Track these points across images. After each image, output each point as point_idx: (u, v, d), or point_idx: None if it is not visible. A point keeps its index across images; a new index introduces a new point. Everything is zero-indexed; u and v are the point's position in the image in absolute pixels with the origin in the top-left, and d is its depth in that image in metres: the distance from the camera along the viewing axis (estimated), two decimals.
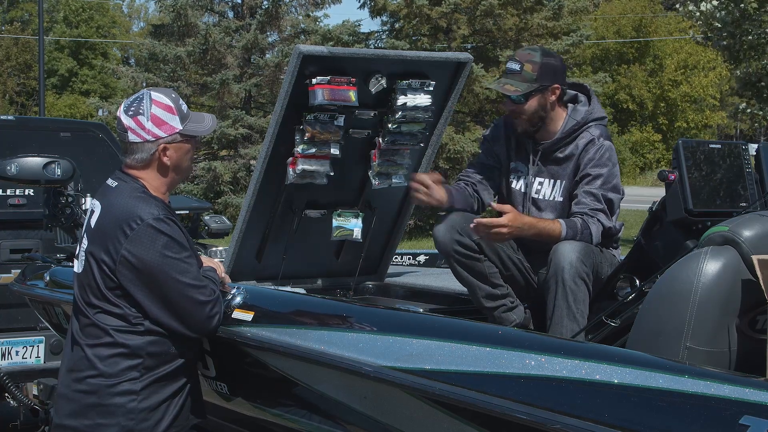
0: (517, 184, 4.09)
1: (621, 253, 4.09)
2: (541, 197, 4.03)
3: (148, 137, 3.29)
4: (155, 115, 3.29)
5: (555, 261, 3.66)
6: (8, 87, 43.25)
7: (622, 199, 3.97)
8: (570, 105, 4.05)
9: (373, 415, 3.07)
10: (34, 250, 6.24)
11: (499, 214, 3.75)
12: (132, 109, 3.30)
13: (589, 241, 3.79)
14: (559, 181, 3.99)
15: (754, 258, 2.71)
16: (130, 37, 51.71)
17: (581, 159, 3.93)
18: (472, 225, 3.76)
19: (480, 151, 4.29)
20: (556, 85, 3.96)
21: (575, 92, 4.09)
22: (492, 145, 4.20)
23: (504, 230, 3.73)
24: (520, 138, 4.08)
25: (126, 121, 3.30)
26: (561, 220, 3.84)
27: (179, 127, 3.32)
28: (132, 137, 3.29)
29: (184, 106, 3.38)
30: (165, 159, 3.31)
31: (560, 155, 3.99)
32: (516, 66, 3.94)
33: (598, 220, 3.84)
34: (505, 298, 3.97)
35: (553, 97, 3.96)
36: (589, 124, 3.97)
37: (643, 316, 2.86)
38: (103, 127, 7.11)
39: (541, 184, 4.03)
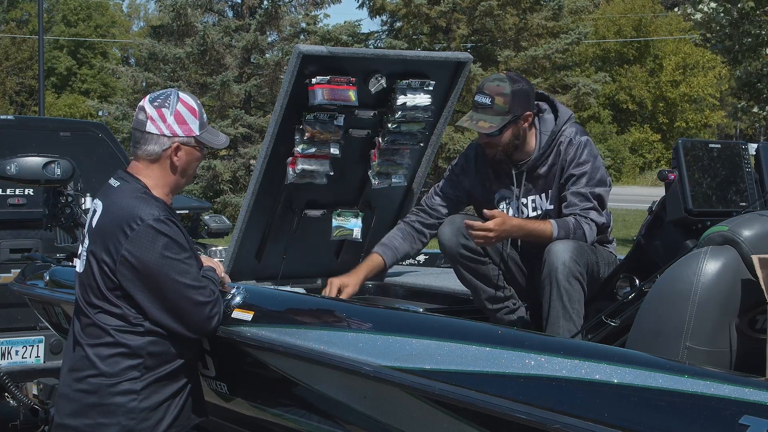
0: (509, 212, 4.02)
1: (620, 253, 4.09)
2: (539, 213, 3.98)
3: (166, 132, 3.30)
4: (179, 113, 3.31)
5: (548, 261, 3.66)
6: (7, 86, 43.26)
7: (610, 190, 3.95)
8: (535, 118, 3.99)
9: (373, 415, 3.07)
10: (34, 249, 6.24)
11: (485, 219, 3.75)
12: (158, 100, 3.33)
13: (582, 241, 3.78)
14: (551, 192, 3.97)
15: (754, 257, 2.71)
16: (129, 37, 51.71)
17: (563, 162, 3.91)
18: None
19: (444, 182, 4.21)
20: (528, 113, 3.91)
21: (536, 103, 4.04)
22: (460, 178, 4.15)
23: (491, 234, 3.73)
24: (496, 167, 4.03)
25: (149, 110, 3.31)
26: (552, 221, 3.83)
27: (197, 132, 3.34)
28: (150, 127, 3.30)
29: (205, 116, 3.41)
30: (175, 158, 3.32)
31: (544, 168, 3.95)
32: (486, 100, 3.85)
33: (591, 219, 3.83)
34: (507, 301, 3.98)
35: (526, 125, 3.91)
36: (563, 129, 3.94)
37: (643, 316, 2.86)
38: (103, 127, 7.11)
39: (534, 201, 4.00)
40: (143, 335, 3.23)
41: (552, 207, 3.96)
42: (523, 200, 4.00)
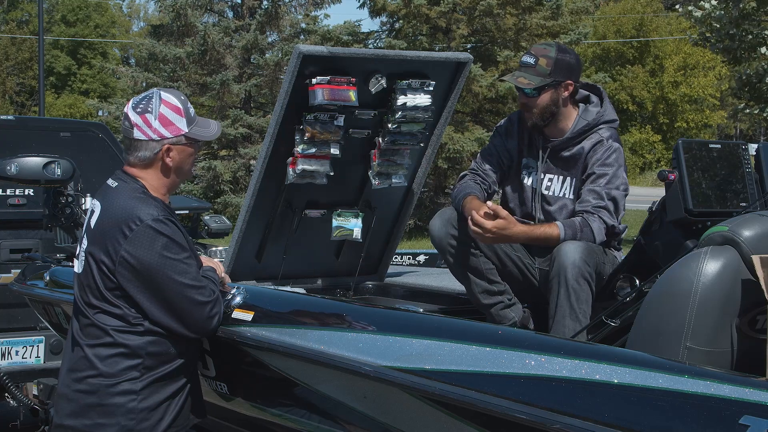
0: (528, 180, 4.10)
1: (623, 254, 4.09)
2: (550, 194, 4.03)
3: (154, 136, 3.29)
4: (163, 115, 3.29)
5: (558, 261, 3.66)
6: (7, 87, 43.27)
7: (626, 196, 3.97)
8: (581, 105, 4.06)
9: (373, 415, 3.07)
10: (34, 250, 6.24)
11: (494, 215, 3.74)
12: (141, 106, 3.31)
13: (591, 240, 3.79)
14: (569, 179, 4.00)
15: (754, 257, 2.70)
16: (130, 37, 51.72)
17: (589, 159, 3.94)
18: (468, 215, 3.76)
19: (491, 143, 4.27)
20: (569, 82, 3.96)
21: (588, 92, 4.09)
22: (505, 140, 4.19)
23: (487, 235, 3.72)
24: (532, 134, 4.09)
25: (133, 117, 3.30)
26: (558, 222, 3.84)
27: (185, 129, 3.33)
28: (137, 134, 3.29)
29: (192, 110, 3.39)
30: (168, 160, 3.31)
31: (567, 154, 3.99)
32: (531, 60, 3.95)
33: (600, 217, 3.84)
34: (502, 295, 3.97)
35: (566, 93, 3.97)
36: (600, 126, 3.98)
37: (643, 316, 2.86)
38: (103, 127, 7.11)
39: (551, 180, 4.04)
40: (143, 335, 3.23)
41: (573, 197, 3.99)
42: (541, 176, 4.04)
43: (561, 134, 4.02)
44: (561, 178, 4.02)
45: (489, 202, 3.81)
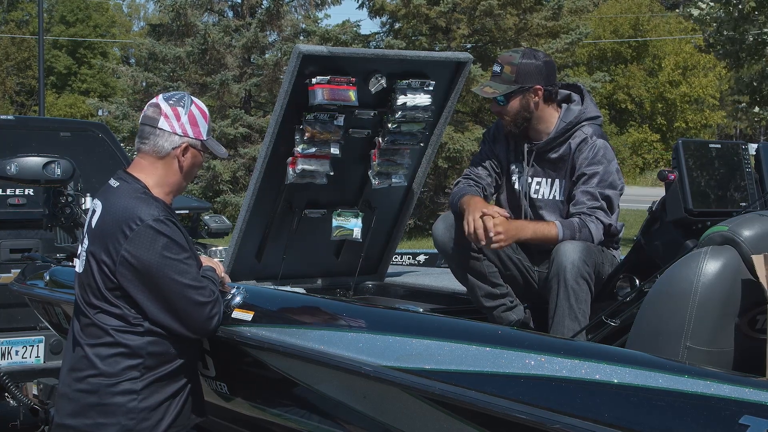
0: (518, 184, 4.10)
1: (621, 254, 4.09)
2: (539, 197, 4.02)
3: (179, 130, 3.32)
4: (193, 114, 3.35)
5: (557, 261, 3.66)
6: (7, 86, 43.27)
7: (621, 195, 3.97)
8: (564, 105, 4.05)
9: (373, 415, 3.07)
10: (34, 249, 6.24)
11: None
12: (173, 99, 3.37)
13: (589, 240, 3.78)
14: (557, 181, 3.99)
15: (754, 257, 2.70)
16: (130, 37, 51.73)
17: (576, 159, 3.93)
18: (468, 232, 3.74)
19: (480, 149, 4.28)
20: (538, 86, 3.95)
21: (568, 92, 4.09)
22: (493, 146, 4.19)
23: (501, 236, 3.70)
24: (515, 138, 4.08)
25: (165, 107, 3.33)
26: (557, 222, 3.84)
27: (205, 136, 3.38)
28: (163, 123, 3.31)
29: (211, 124, 3.45)
30: (182, 159, 3.33)
31: (554, 155, 3.99)
32: (497, 68, 3.98)
33: (597, 218, 3.84)
34: (504, 298, 3.97)
35: (536, 98, 3.95)
36: (582, 124, 3.97)
37: (643, 316, 2.86)
38: (103, 127, 7.11)
39: (539, 184, 4.03)
40: (143, 335, 3.23)
41: (563, 199, 3.98)
42: (529, 179, 4.03)
43: (543, 137, 4.01)
44: (549, 180, 4.01)
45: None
